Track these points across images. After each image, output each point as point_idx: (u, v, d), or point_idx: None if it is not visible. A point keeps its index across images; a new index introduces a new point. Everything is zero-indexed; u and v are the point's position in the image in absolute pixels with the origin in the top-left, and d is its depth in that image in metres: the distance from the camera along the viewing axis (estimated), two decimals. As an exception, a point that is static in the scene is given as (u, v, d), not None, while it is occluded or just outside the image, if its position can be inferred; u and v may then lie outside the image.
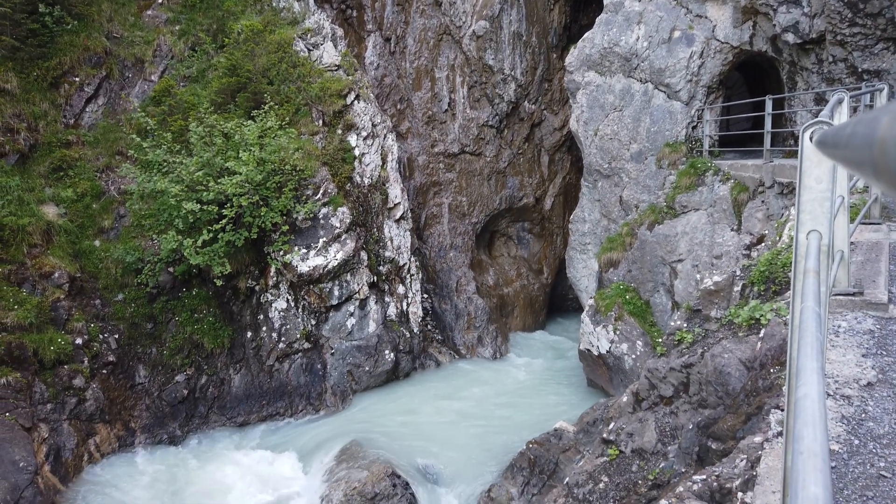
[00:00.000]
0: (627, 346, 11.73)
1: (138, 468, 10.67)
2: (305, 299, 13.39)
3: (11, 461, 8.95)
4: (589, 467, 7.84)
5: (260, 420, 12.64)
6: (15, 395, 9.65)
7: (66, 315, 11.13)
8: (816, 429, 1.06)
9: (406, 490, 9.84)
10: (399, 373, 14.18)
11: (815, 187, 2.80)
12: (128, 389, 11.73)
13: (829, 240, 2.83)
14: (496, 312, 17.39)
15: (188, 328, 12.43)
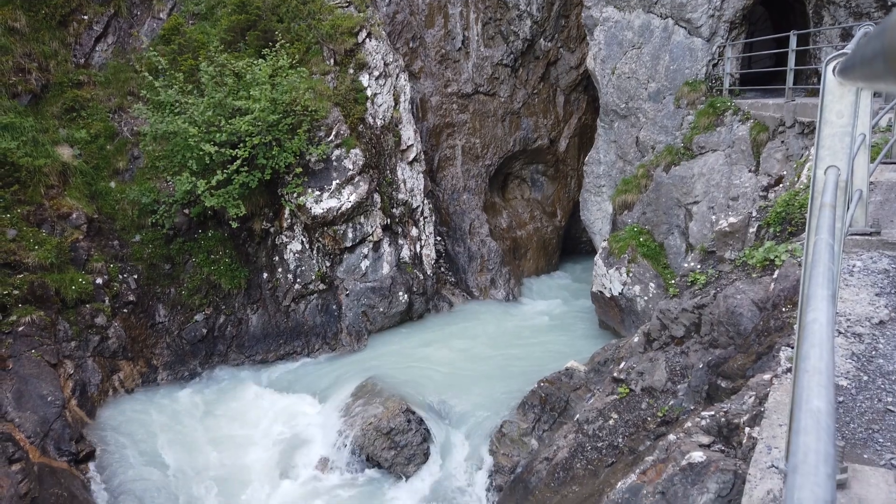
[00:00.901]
0: (640, 288, 11.77)
1: (162, 402, 11.05)
2: (320, 241, 13.49)
3: (40, 395, 9.28)
4: (599, 405, 8.01)
5: (278, 358, 12.96)
6: (40, 333, 9.93)
7: (85, 255, 11.32)
8: (823, 349, 1.08)
9: (420, 425, 10.13)
10: (413, 314, 14.38)
11: (835, 122, 2.74)
12: (148, 328, 12.03)
13: (848, 177, 2.79)
14: (509, 255, 17.44)
15: (205, 269, 12.62)
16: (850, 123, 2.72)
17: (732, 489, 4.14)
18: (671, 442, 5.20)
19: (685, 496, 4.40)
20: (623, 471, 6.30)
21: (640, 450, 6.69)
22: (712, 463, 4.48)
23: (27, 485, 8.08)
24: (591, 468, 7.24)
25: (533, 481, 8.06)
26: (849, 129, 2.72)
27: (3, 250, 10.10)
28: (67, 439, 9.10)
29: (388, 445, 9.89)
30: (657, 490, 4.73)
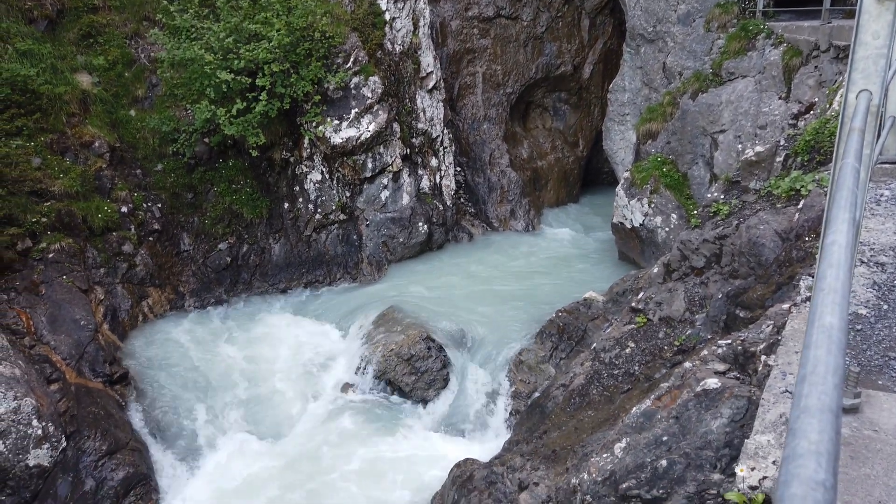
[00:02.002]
0: (661, 219, 11.67)
1: (189, 327, 11.40)
2: (339, 171, 13.47)
3: (73, 320, 9.62)
4: (616, 334, 8.11)
5: (300, 287, 13.21)
6: (69, 260, 10.19)
7: (109, 184, 11.46)
8: (840, 270, 1.08)
9: (440, 352, 10.37)
10: (433, 244, 14.47)
11: (870, 43, 2.62)
12: (174, 256, 12.28)
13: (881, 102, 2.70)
14: (529, 186, 17.30)
15: (227, 198, 12.73)
16: (885, 45, 2.61)
17: (746, 414, 4.22)
18: (687, 369, 5.28)
19: (699, 420, 4.50)
20: (638, 397, 6.43)
21: (655, 377, 6.81)
22: (727, 389, 4.55)
23: (66, 403, 8.49)
24: (607, 394, 7.40)
25: (549, 406, 8.28)
26: (884, 51, 2.61)
27: (29, 178, 10.25)
28: (101, 361, 9.49)
29: (409, 371, 10.17)
30: (671, 415, 4.84)
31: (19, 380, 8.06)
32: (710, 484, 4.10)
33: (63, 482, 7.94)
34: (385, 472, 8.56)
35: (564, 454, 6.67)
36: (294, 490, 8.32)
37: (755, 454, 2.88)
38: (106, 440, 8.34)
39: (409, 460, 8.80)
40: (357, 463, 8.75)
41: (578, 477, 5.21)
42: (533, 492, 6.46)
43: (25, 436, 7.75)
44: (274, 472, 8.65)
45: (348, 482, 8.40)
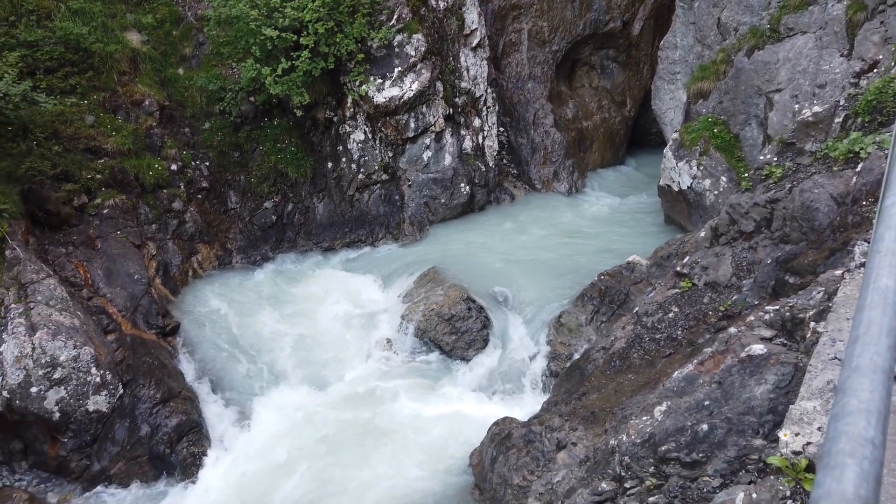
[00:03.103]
0: (710, 182, 11.36)
1: (237, 283, 11.73)
2: (382, 131, 13.47)
3: (127, 274, 10.00)
4: (659, 298, 8.01)
5: (343, 246, 13.39)
6: (123, 216, 10.53)
7: (159, 142, 11.73)
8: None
9: (480, 313, 10.44)
10: (474, 205, 14.42)
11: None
12: (222, 214, 12.57)
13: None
14: (574, 147, 17.00)
15: (272, 157, 12.90)
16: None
17: (791, 381, 4.16)
18: (732, 335, 5.20)
19: (742, 386, 4.45)
20: (680, 361, 6.38)
21: (698, 342, 6.73)
22: (773, 355, 4.47)
23: (122, 353, 8.90)
24: (648, 358, 7.36)
25: (589, 368, 8.29)
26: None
27: (84, 136, 10.57)
28: (154, 314, 9.87)
29: (449, 331, 10.28)
30: (714, 380, 4.79)
31: (78, 330, 8.46)
32: (751, 449, 4.08)
33: (120, 427, 8.37)
34: (424, 427, 8.76)
35: (603, 416, 6.70)
36: (338, 442, 8.59)
37: (800, 420, 2.84)
38: (160, 389, 8.73)
39: (447, 417, 8.97)
40: (397, 418, 8.97)
41: (617, 438, 5.24)
42: (571, 451, 6.53)
43: (85, 383, 8.17)
44: (318, 424, 8.94)
45: (388, 436, 8.63)
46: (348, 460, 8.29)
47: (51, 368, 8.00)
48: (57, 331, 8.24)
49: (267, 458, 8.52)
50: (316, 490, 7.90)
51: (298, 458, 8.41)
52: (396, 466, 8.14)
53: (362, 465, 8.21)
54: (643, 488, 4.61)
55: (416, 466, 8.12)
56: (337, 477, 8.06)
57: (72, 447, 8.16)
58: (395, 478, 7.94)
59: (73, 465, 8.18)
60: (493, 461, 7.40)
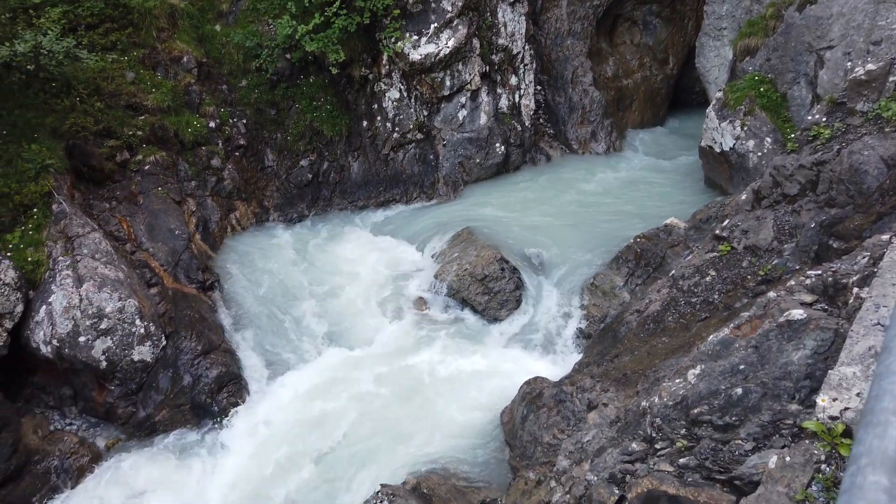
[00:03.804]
0: (754, 143, 11.01)
1: (274, 240, 11.93)
2: (417, 89, 13.34)
3: (168, 229, 10.23)
4: (697, 261, 7.89)
5: (378, 205, 13.45)
6: (164, 172, 10.73)
7: (198, 99, 11.83)
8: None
9: (513, 274, 10.44)
10: (509, 166, 14.28)
11: None
12: (259, 171, 12.70)
13: None
14: (613, 106, 16.60)
15: (308, 115, 12.92)
16: None
17: (831, 346, 4.08)
18: (770, 299, 5.10)
19: (779, 350, 4.39)
20: (716, 325, 6.31)
21: (735, 306, 6.64)
22: (812, 321, 4.39)
23: (164, 305, 9.17)
24: (683, 322, 7.30)
25: (622, 331, 8.26)
26: None
27: (125, 92, 10.72)
28: (195, 269, 10.11)
29: (482, 291, 10.32)
30: (750, 344, 4.73)
31: (123, 282, 8.73)
32: (786, 414, 4.04)
33: (164, 376, 8.70)
34: (455, 385, 8.88)
35: (635, 378, 6.69)
36: (369, 398, 8.78)
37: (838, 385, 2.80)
38: (201, 341, 9.00)
39: (478, 376, 9.08)
40: (428, 376, 9.11)
41: (649, 400, 5.24)
42: (602, 412, 6.57)
43: (130, 333, 8.47)
44: (350, 380, 9.14)
45: (419, 393, 8.79)
46: (379, 416, 8.49)
47: (97, 319, 8.30)
48: (103, 283, 8.52)
49: (300, 410, 8.76)
50: (347, 443, 8.13)
51: (331, 411, 8.64)
52: (427, 423, 8.30)
53: (392, 420, 8.39)
54: (674, 449, 4.62)
55: (447, 423, 8.27)
56: (367, 431, 8.27)
57: (118, 394, 8.52)
58: (425, 433, 8.11)
59: (120, 411, 8.55)
60: (523, 419, 7.49)
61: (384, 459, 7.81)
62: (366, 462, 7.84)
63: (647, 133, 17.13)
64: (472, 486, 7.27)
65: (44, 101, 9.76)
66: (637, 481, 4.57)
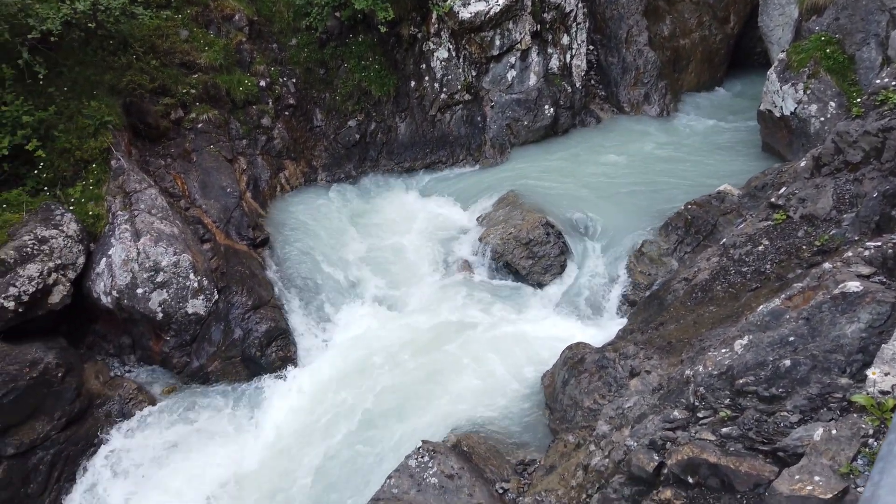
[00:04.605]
0: (817, 108, 10.53)
1: (322, 199, 12.09)
2: (466, 49, 13.16)
3: (220, 187, 10.47)
4: (750, 230, 7.67)
5: (424, 167, 13.46)
6: (216, 131, 10.94)
7: (248, 58, 11.95)
8: None
9: (559, 239, 10.36)
10: (558, 128, 14.04)
11: None
12: (307, 131, 12.83)
13: None
14: (668, 67, 16.05)
15: (356, 75, 12.92)
16: None
17: (887, 321, 3.95)
18: (825, 270, 4.95)
19: (832, 323, 4.27)
20: (766, 296, 6.17)
21: (788, 277, 6.46)
22: (869, 294, 4.25)
23: (217, 261, 9.46)
24: (732, 291, 7.15)
25: (668, 299, 8.15)
26: None
27: (179, 50, 10.89)
28: (245, 226, 10.37)
29: (526, 255, 10.30)
30: (801, 315, 4.62)
31: (178, 237, 9.03)
32: (835, 387, 3.96)
33: (216, 329, 9.03)
34: (497, 347, 8.96)
35: (680, 346, 6.63)
36: (412, 357, 8.95)
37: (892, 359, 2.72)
38: (251, 296, 9.28)
39: (520, 339, 9.12)
40: (471, 337, 9.20)
41: (693, 369, 5.20)
42: (644, 379, 6.55)
43: (184, 287, 8.79)
44: (393, 339, 9.31)
45: (462, 354, 8.90)
46: (421, 374, 8.65)
47: (154, 272, 8.63)
48: (159, 237, 8.83)
49: (345, 366, 9.00)
50: (390, 399, 8.33)
51: (374, 368, 8.84)
52: (468, 383, 8.42)
53: (435, 379, 8.54)
54: (716, 419, 4.58)
55: (488, 384, 8.38)
56: (410, 389, 8.45)
57: (173, 345, 8.90)
58: (466, 393, 8.24)
59: (175, 360, 8.94)
60: (564, 383, 7.53)
61: (425, 416, 7.99)
62: (407, 418, 8.03)
63: (703, 96, 16.54)
64: (511, 447, 7.39)
65: (102, 58, 10.01)
66: (678, 448, 4.57)
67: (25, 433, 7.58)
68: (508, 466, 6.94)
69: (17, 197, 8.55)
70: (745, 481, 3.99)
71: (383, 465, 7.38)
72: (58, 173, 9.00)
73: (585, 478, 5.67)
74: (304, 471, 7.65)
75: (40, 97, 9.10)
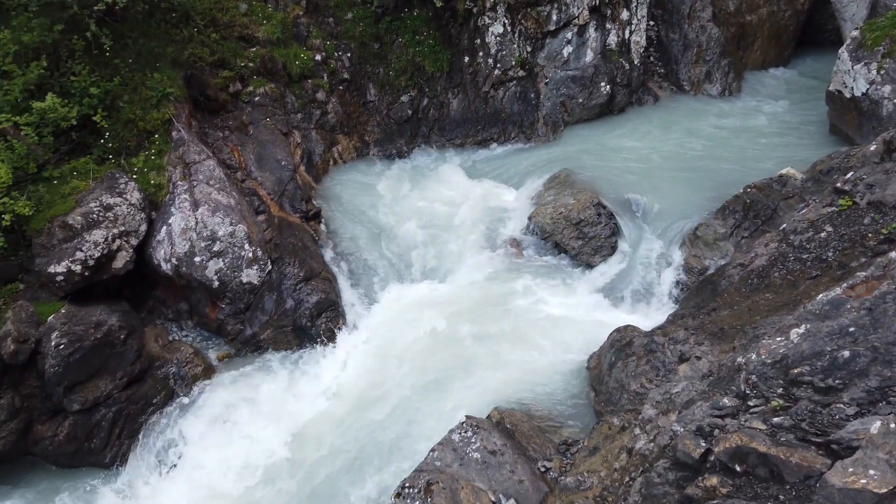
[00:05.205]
0: (891, 89, 9.98)
1: (374, 174, 12.19)
2: (522, 24, 12.95)
3: (275, 159, 10.68)
4: (812, 216, 7.39)
5: (475, 144, 13.38)
6: (272, 104, 11.12)
7: (305, 32, 12.05)
8: None
9: (610, 220, 10.20)
10: (613, 106, 13.73)
11: None
12: (361, 106, 12.90)
13: None
14: (732, 44, 15.43)
15: (410, 50, 12.88)
16: None
17: (957, 315, 3.77)
18: (892, 259, 4.75)
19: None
20: (827, 284, 5.96)
21: (851, 265, 6.22)
22: (938, 286, 4.05)
23: (270, 232, 9.69)
24: (791, 279, 6.93)
25: (723, 284, 7.95)
26: None
27: (238, 24, 11.08)
28: (299, 199, 10.56)
29: (576, 235, 10.18)
30: (864, 306, 4.45)
31: (234, 208, 9.28)
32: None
33: (269, 299, 9.28)
34: (543, 327, 8.93)
35: (733, 333, 6.48)
36: (457, 332, 9.01)
37: (962, 356, 2.60)
38: (303, 268, 9.49)
39: (567, 319, 9.07)
40: (516, 315, 9.20)
41: (745, 357, 5.08)
42: (693, 364, 6.44)
43: (239, 257, 9.05)
44: (440, 314, 9.38)
45: (508, 331, 8.92)
46: (467, 350, 8.71)
47: (211, 241, 8.91)
48: (216, 208, 9.09)
49: (392, 338, 9.14)
50: (435, 373, 8.43)
51: (420, 341, 8.95)
52: (514, 361, 8.45)
53: (480, 356, 8.59)
54: (768, 408, 4.49)
55: (533, 363, 8.38)
56: (455, 364, 8.53)
57: (228, 312, 9.20)
58: (511, 371, 8.27)
59: (230, 327, 9.25)
60: (611, 366, 7.47)
61: (469, 392, 8.06)
62: (451, 392, 8.13)
63: (768, 74, 15.85)
64: (554, 426, 7.41)
65: (165, 31, 10.26)
66: (726, 436, 4.49)
67: (90, 391, 8.00)
68: (551, 446, 6.97)
69: (85, 165, 8.92)
70: (796, 472, 3.90)
71: (426, 436, 7.50)
72: (122, 143, 9.34)
73: (629, 461, 5.65)
74: (349, 439, 7.86)
75: (106, 69, 9.42)
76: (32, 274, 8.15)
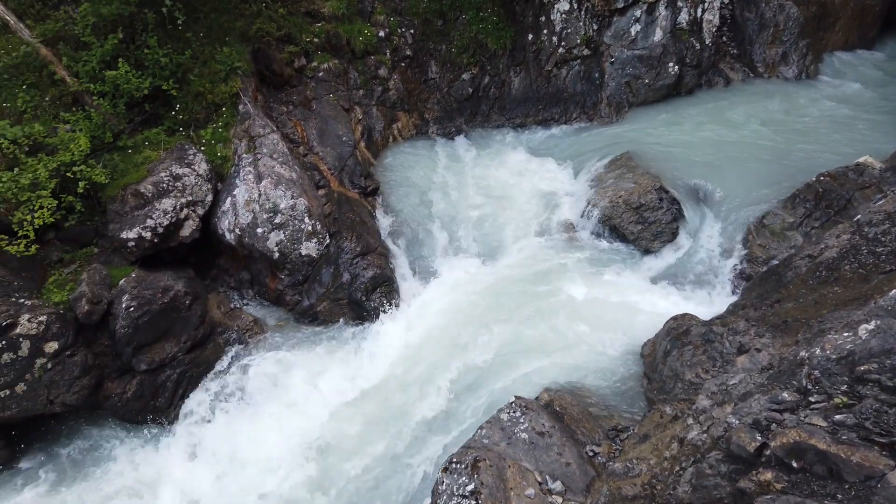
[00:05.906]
0: None
1: (433, 152, 12.22)
2: (589, 1, 12.63)
3: (336, 135, 10.83)
4: (889, 207, 7.02)
5: (535, 123, 13.22)
6: (335, 80, 11.25)
7: (370, 7, 12.10)
8: None
9: (672, 205, 9.94)
10: (681, 88, 13.28)
11: None
12: (422, 83, 12.91)
13: None
14: (811, 24, 14.64)
15: (474, 27, 12.77)
16: None
17: None
18: (977, 257, 4.46)
19: (977, 315, 3.87)
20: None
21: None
22: None
23: (330, 207, 9.86)
24: (862, 272, 6.62)
25: (788, 276, 7.66)
26: None
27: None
28: (358, 175, 10.70)
29: (636, 220, 9.98)
30: (941, 304, 4.21)
31: (296, 182, 9.48)
32: (974, 385, 3.61)
33: (326, 272, 9.48)
34: (598, 311, 8.83)
35: (797, 326, 6.25)
36: (510, 312, 9.00)
37: None
38: (360, 243, 9.64)
39: (621, 304, 8.93)
40: (571, 298, 9.12)
41: (809, 351, 4.90)
42: (753, 357, 6.25)
43: (299, 230, 9.26)
44: (493, 293, 9.40)
45: (561, 313, 8.85)
46: (518, 331, 8.70)
47: (272, 214, 9.14)
48: (278, 181, 9.31)
49: (444, 316, 9.21)
50: (486, 352, 8.46)
51: (473, 320, 8.99)
52: (566, 343, 8.39)
53: (532, 337, 8.57)
54: (830, 405, 4.32)
55: (584, 347, 8.31)
56: (506, 344, 8.54)
57: (287, 283, 9.45)
58: (563, 353, 8.22)
59: (288, 298, 9.51)
60: (665, 354, 7.33)
61: (520, 372, 8.07)
62: (501, 372, 8.15)
63: (850, 57, 15.01)
64: (603, 411, 7.34)
65: (235, 5, 10.49)
66: (783, 431, 4.36)
67: (156, 352, 8.39)
68: (601, 430, 6.92)
69: (157, 136, 9.26)
70: (856, 472, 3.77)
71: (475, 414, 7.57)
72: (191, 115, 9.64)
73: (680, 450, 5.56)
74: (395, 413, 7.99)
75: (178, 42, 9.70)
76: (106, 239, 8.56)
